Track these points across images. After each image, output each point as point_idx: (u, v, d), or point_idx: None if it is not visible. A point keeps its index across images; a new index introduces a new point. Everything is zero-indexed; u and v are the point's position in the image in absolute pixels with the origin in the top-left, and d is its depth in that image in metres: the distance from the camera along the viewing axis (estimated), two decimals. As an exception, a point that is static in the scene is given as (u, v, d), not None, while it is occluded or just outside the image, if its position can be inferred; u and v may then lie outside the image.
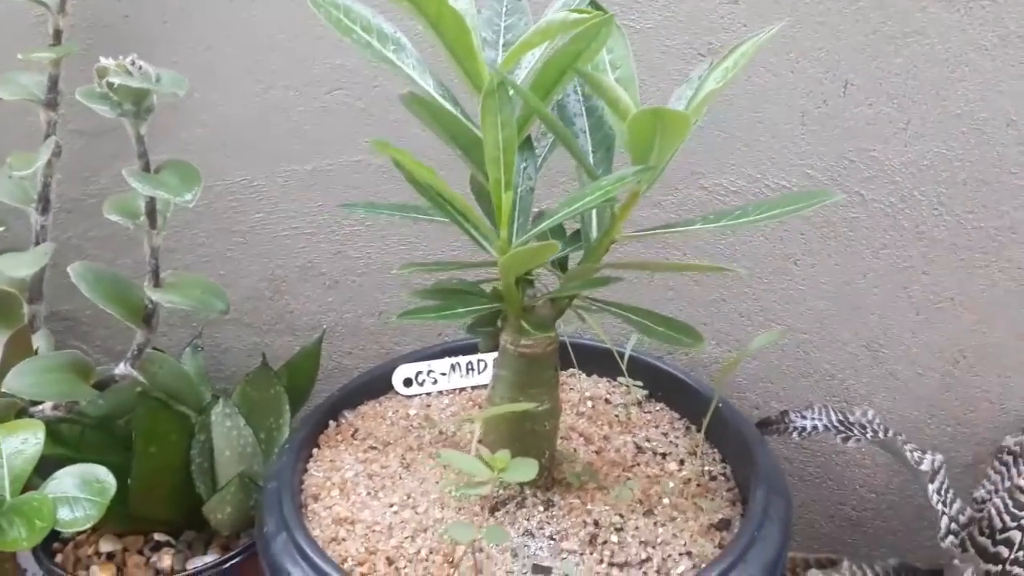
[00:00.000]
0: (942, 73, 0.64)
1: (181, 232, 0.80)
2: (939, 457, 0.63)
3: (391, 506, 0.55)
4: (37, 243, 0.74)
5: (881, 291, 0.70)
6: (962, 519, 0.64)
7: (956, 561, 0.59)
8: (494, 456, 0.46)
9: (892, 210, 0.68)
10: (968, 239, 0.67)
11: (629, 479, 0.58)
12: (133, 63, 0.53)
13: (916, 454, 0.62)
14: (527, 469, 0.46)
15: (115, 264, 0.83)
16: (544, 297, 0.53)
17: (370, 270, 0.79)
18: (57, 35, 0.71)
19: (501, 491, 0.56)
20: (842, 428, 0.64)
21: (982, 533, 0.63)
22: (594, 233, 0.54)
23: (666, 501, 0.56)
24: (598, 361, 0.70)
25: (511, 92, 0.46)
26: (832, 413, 0.66)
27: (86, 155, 0.79)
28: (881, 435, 0.63)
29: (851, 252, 0.70)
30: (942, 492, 0.63)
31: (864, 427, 0.65)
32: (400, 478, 0.58)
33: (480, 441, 0.57)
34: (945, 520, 0.62)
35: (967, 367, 0.71)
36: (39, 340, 0.74)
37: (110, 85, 0.53)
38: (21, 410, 0.65)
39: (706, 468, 0.61)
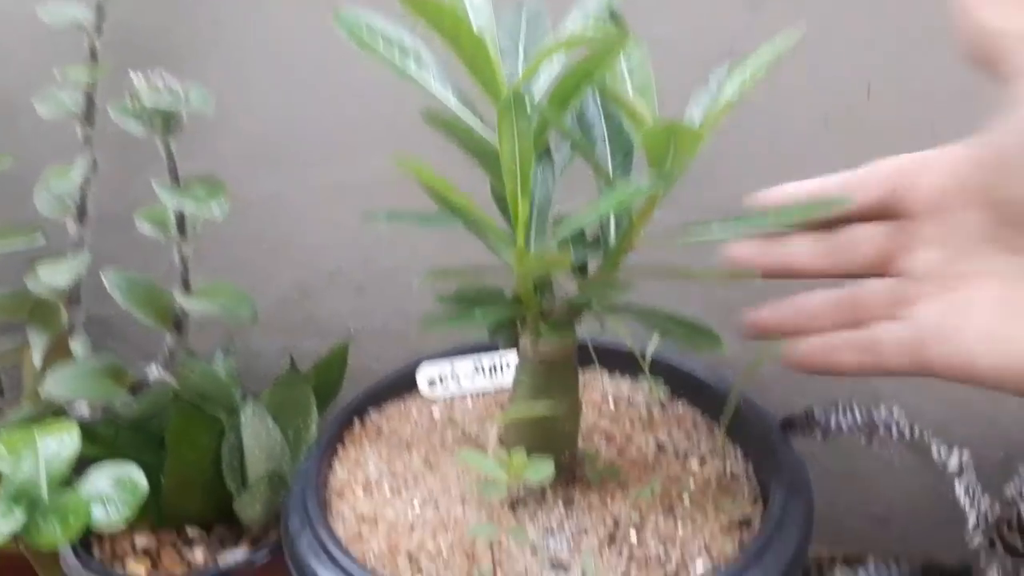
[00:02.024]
0: (968, 76, 0.63)
1: (213, 241, 0.82)
2: (966, 453, 0.62)
3: (413, 503, 0.56)
4: (74, 252, 0.76)
5: (906, 289, 0.69)
6: (991, 517, 0.63)
7: (984, 558, 0.59)
8: (511, 456, 0.46)
9: (915, 210, 0.67)
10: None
11: (650, 478, 0.59)
12: (163, 81, 0.55)
13: (943, 451, 0.62)
14: (543, 468, 0.47)
15: (148, 270, 0.86)
16: (563, 302, 0.54)
17: (395, 277, 0.80)
18: (93, 53, 0.73)
19: (522, 490, 0.56)
20: (867, 427, 0.64)
21: (1011, 530, 0.62)
22: (612, 239, 0.55)
23: (686, 500, 0.57)
24: (621, 361, 0.71)
25: (528, 105, 0.47)
26: (857, 412, 0.66)
27: (120, 166, 0.81)
28: (907, 435, 0.63)
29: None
30: (970, 490, 0.62)
31: (890, 426, 0.64)
32: (423, 477, 0.59)
33: (501, 442, 0.58)
34: (973, 517, 0.62)
35: (995, 365, 0.70)
36: (76, 344, 0.76)
37: (141, 103, 0.55)
38: (58, 412, 0.67)
39: (728, 467, 0.61)
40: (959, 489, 0.61)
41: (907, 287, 0.49)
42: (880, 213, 0.51)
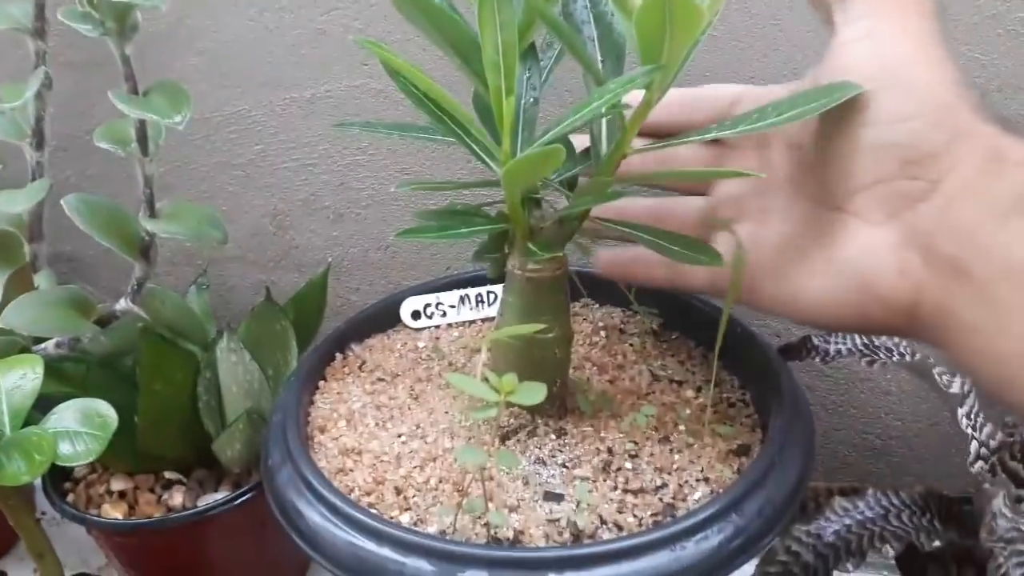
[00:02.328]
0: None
1: (180, 168, 0.78)
2: (968, 379, 0.60)
3: (399, 436, 0.53)
4: (34, 179, 0.72)
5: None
6: (993, 444, 0.62)
7: (986, 486, 0.57)
8: (501, 379, 0.44)
9: (921, 122, 0.64)
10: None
11: (644, 406, 0.56)
12: (113, -22, 0.50)
13: (945, 377, 0.60)
14: (535, 392, 0.44)
15: (117, 200, 0.81)
16: (552, 217, 0.51)
17: (374, 202, 0.77)
18: (40, -40, 0.68)
19: (512, 420, 0.54)
20: (867, 351, 0.62)
21: (1013, 458, 0.61)
22: (604, 147, 0.51)
23: (682, 428, 0.54)
24: (611, 291, 0.68)
25: (511, -9, 0.43)
26: (857, 336, 0.64)
27: (79, 90, 0.77)
28: (908, 357, 0.61)
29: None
30: (972, 416, 0.60)
31: (891, 350, 0.62)
32: (409, 409, 0.56)
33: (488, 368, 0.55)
34: (975, 445, 0.60)
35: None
36: (41, 280, 0.73)
37: (91, 2, 0.50)
38: (23, 348, 0.64)
39: (724, 395, 0.58)
40: (961, 415, 0.59)
41: (715, 210, 0.51)
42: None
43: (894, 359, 0.61)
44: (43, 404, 0.58)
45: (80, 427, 0.52)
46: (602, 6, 0.50)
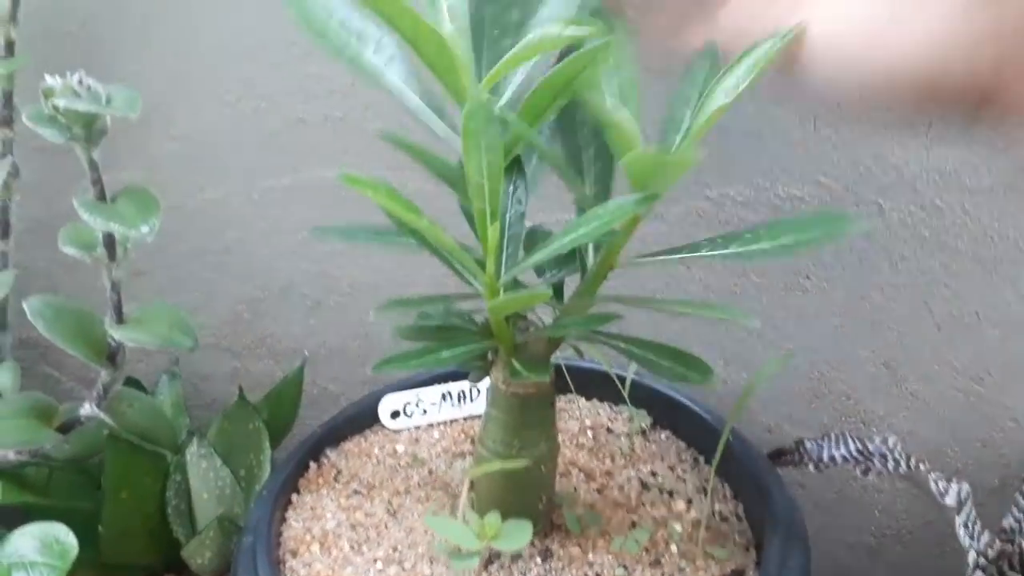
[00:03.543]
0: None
1: (153, 254, 0.76)
2: (965, 487, 0.58)
3: (375, 562, 0.51)
4: (-2, 270, 0.69)
5: (899, 306, 0.66)
6: (991, 553, 0.60)
7: (986, 600, 0.55)
8: (484, 521, 0.41)
9: (912, 220, 0.63)
10: (994, 249, 0.63)
11: (635, 523, 0.54)
12: (81, 82, 0.49)
13: (941, 484, 0.58)
14: (520, 535, 0.42)
15: (83, 289, 0.79)
16: (539, 332, 0.49)
17: (354, 290, 0.74)
18: (9, 47, 0.66)
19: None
20: (862, 459, 0.60)
21: (1012, 567, 0.59)
22: (591, 258, 0.50)
23: (674, 549, 0.52)
24: (598, 385, 0.66)
25: (496, 115, 0.41)
26: (851, 442, 0.62)
27: (49, 173, 0.74)
28: (904, 466, 0.59)
29: (867, 265, 0.65)
30: (969, 525, 0.59)
31: (885, 456, 0.60)
32: (386, 527, 0.54)
33: (471, 488, 0.53)
34: (972, 555, 0.58)
35: (993, 386, 0.66)
36: (5, 374, 0.70)
37: (56, 108, 0.48)
38: (-19, 455, 0.61)
39: (717, 507, 0.56)
40: (959, 524, 0.58)
41: None
42: None
43: (889, 468, 0.59)
44: (4, 514, 0.55)
45: (38, 556, 0.49)
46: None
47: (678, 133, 0.48)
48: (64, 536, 0.50)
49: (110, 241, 0.53)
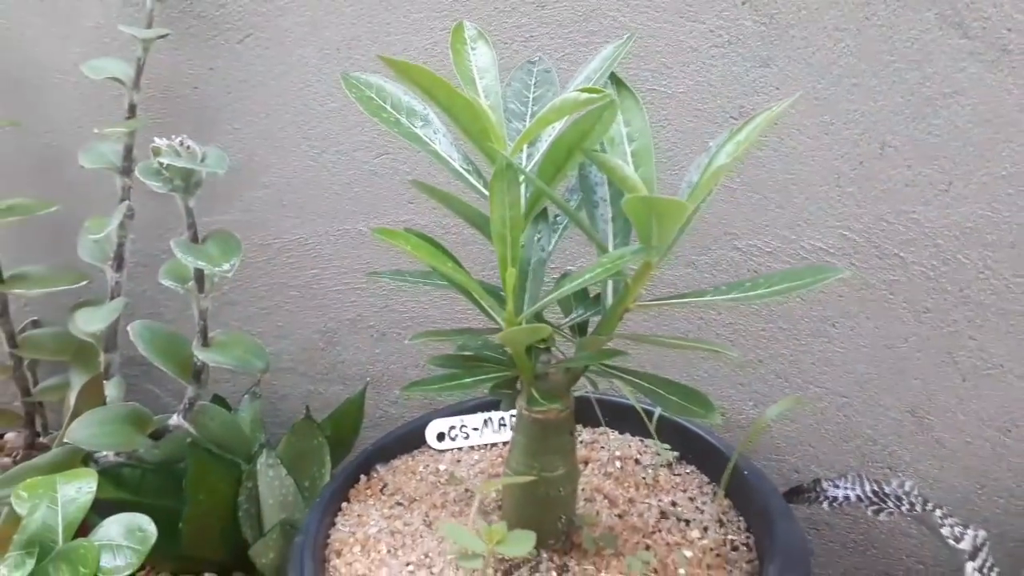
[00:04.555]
0: (985, 134, 0.62)
1: (243, 286, 0.86)
2: (981, 534, 0.60)
3: (408, 565, 0.57)
4: (112, 298, 0.80)
5: (925, 356, 0.68)
6: (1009, 601, 0.61)
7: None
8: (491, 528, 0.47)
9: (935, 273, 0.66)
10: (1018, 304, 0.64)
11: (647, 547, 0.58)
12: (182, 143, 0.58)
13: (957, 529, 0.60)
14: (524, 543, 0.47)
15: (188, 315, 0.90)
16: (557, 365, 0.54)
17: (414, 323, 0.82)
18: (132, 108, 0.77)
19: (517, 556, 0.57)
20: (875, 500, 0.62)
21: (1031, 617, 0.60)
22: (610, 300, 0.55)
23: (682, 572, 0.56)
24: (629, 419, 0.70)
25: (520, 173, 0.48)
26: (867, 483, 0.64)
27: (160, 214, 0.86)
28: (918, 509, 0.61)
29: (891, 315, 0.68)
30: (984, 570, 0.60)
31: (900, 499, 0.62)
32: (421, 536, 0.60)
33: (499, 506, 0.58)
34: (988, 601, 0.59)
35: (1020, 436, 0.67)
36: (112, 387, 0.80)
37: (161, 164, 0.58)
38: (87, 455, 0.70)
39: (729, 537, 0.60)
40: (972, 570, 0.59)
41: None
42: None
43: (903, 510, 0.61)
44: (101, 507, 0.64)
45: (123, 540, 0.57)
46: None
47: (690, 189, 0.53)
48: (146, 525, 0.58)
49: (200, 276, 0.63)
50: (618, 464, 0.68)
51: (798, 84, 0.64)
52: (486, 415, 0.71)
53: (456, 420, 0.71)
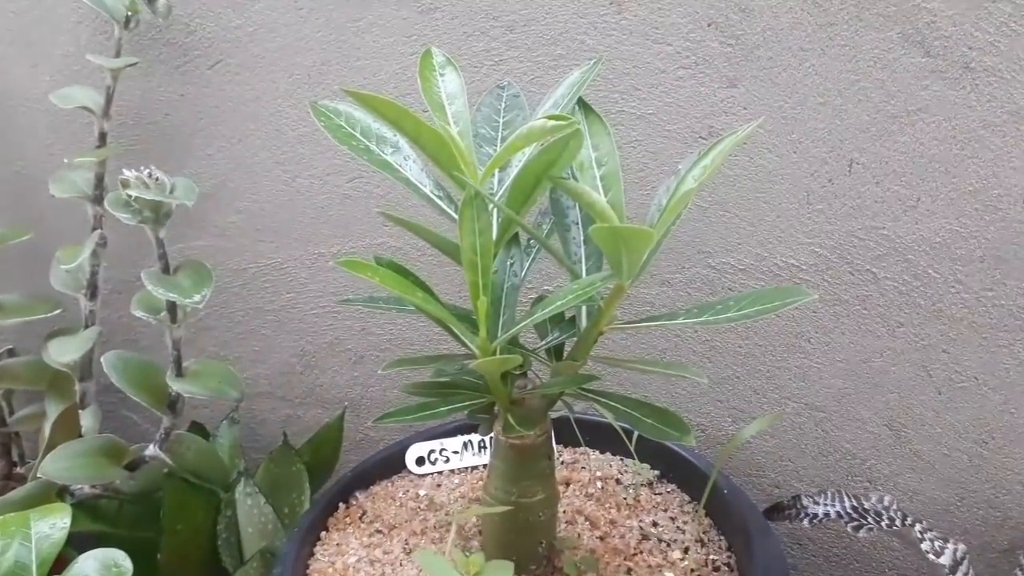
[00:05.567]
0: (951, 150, 0.63)
1: (220, 311, 0.85)
2: (961, 548, 0.60)
3: (387, 595, 0.57)
4: (86, 326, 0.79)
5: (900, 370, 0.68)
6: (987, 613, 0.61)
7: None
8: (469, 558, 0.47)
9: (907, 288, 0.66)
10: (989, 317, 0.65)
11: (629, 569, 0.58)
12: (151, 175, 0.58)
13: (937, 544, 0.60)
14: (501, 574, 0.47)
15: (163, 340, 0.89)
16: (533, 392, 0.54)
17: (392, 345, 0.82)
18: (102, 137, 0.77)
19: (496, 581, 0.56)
20: (855, 516, 0.62)
21: (1010, 629, 0.60)
22: (584, 323, 0.55)
23: (662, 593, 0.56)
24: (609, 438, 0.70)
25: (489, 201, 0.48)
26: (846, 499, 0.64)
27: (134, 241, 0.84)
28: (898, 524, 0.61)
29: (865, 330, 0.68)
30: (963, 585, 0.60)
31: (880, 514, 0.63)
32: (400, 565, 0.59)
33: (480, 531, 0.58)
34: (967, 614, 0.60)
35: (996, 448, 0.68)
36: (88, 416, 0.79)
37: (130, 196, 0.58)
38: (63, 488, 0.70)
39: (710, 557, 0.60)
40: (951, 584, 0.59)
41: None
42: None
43: (883, 525, 0.61)
44: (78, 539, 0.63)
45: (99, 577, 0.56)
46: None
47: (659, 212, 0.53)
48: (122, 560, 0.57)
49: (172, 307, 0.62)
50: (599, 484, 0.68)
51: (765, 104, 0.65)
52: (466, 438, 0.71)
53: (436, 444, 0.70)
